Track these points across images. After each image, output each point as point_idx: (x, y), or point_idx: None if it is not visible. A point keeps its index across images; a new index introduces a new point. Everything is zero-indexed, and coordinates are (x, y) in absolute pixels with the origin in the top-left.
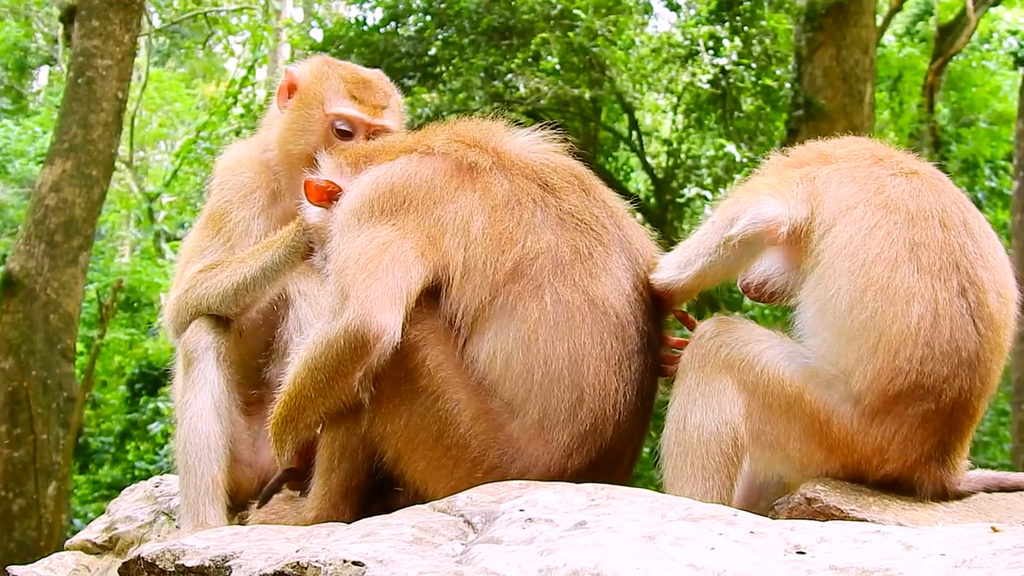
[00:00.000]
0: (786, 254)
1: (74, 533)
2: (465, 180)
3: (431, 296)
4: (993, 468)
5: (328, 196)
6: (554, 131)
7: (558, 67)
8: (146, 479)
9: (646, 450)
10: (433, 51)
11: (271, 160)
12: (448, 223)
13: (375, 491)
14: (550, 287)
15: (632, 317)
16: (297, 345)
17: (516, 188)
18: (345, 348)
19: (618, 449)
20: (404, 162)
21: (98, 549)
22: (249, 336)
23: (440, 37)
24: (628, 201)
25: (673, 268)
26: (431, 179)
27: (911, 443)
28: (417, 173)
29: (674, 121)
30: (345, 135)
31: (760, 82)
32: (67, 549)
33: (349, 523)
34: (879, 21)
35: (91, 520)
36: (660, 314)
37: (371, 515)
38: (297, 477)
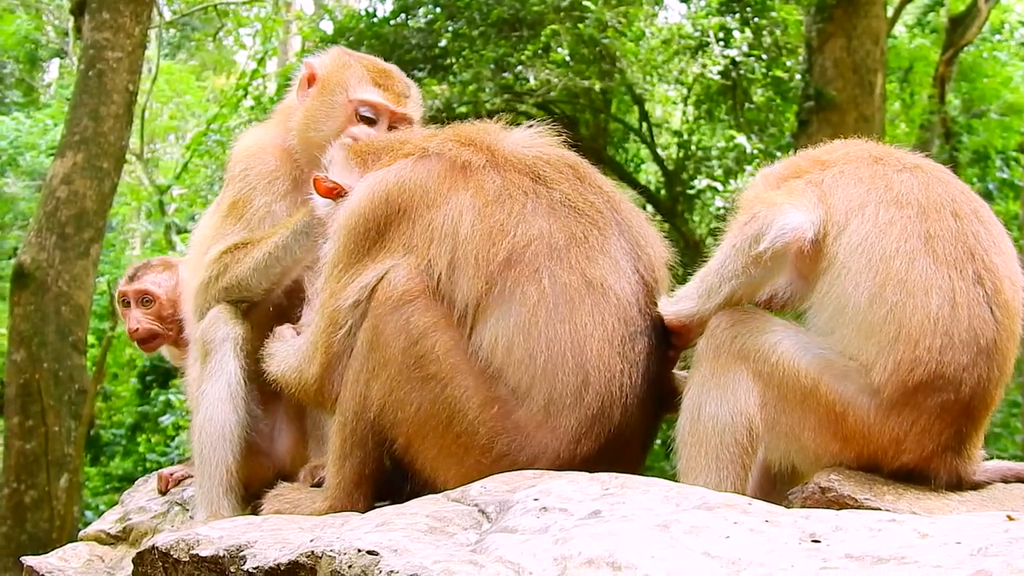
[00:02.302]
0: (793, 263)
1: (86, 525)
2: (458, 180)
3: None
4: (1005, 460)
5: (334, 195)
6: (552, 126)
7: (568, 59)
8: (157, 471)
9: (656, 441)
10: (443, 43)
11: (292, 147)
12: (437, 228)
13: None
14: (547, 270)
15: (634, 298)
16: (271, 354)
17: (507, 183)
18: (298, 396)
19: (627, 433)
20: (400, 168)
21: (112, 539)
22: (264, 326)
23: (450, 29)
24: (637, 192)
25: (695, 299)
26: (425, 183)
27: (928, 434)
28: (411, 178)
29: (684, 112)
30: (369, 122)
31: (770, 73)
32: (81, 540)
33: (363, 512)
34: (889, 12)
35: (103, 512)
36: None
37: (384, 505)
38: None
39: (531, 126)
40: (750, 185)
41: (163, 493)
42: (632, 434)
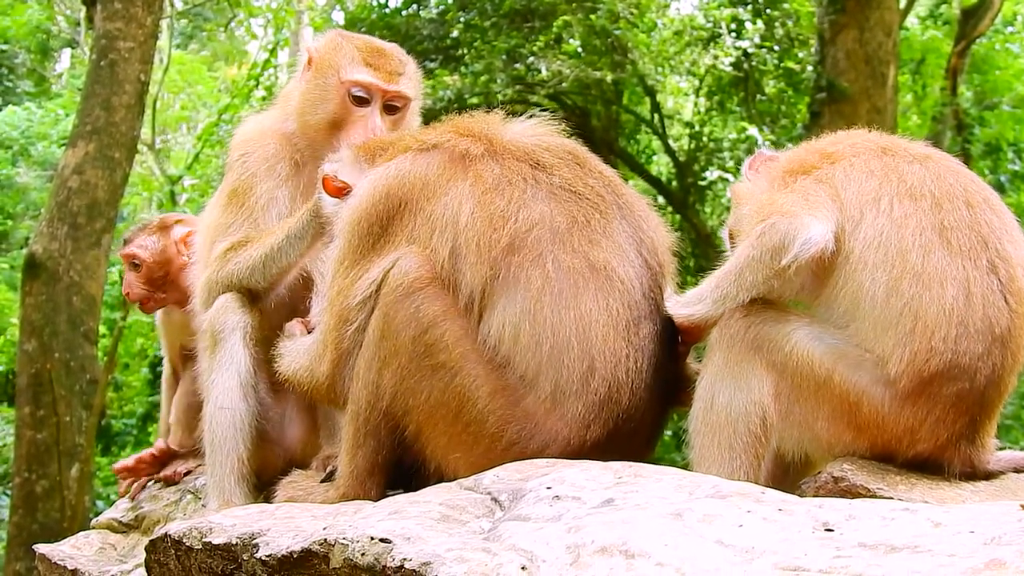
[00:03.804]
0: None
1: (96, 515)
2: (457, 170)
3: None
4: (1017, 450)
5: (343, 195)
6: (564, 117)
7: (580, 50)
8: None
9: (667, 433)
10: (455, 34)
11: (292, 131)
12: (438, 218)
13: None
14: (551, 255)
15: (638, 282)
16: (282, 353)
17: (507, 170)
18: (310, 394)
19: (636, 417)
20: (399, 162)
21: (124, 528)
22: (273, 314)
23: (462, 20)
24: (649, 183)
25: (709, 304)
26: (425, 174)
27: (943, 423)
28: (411, 171)
29: (696, 104)
30: (361, 102)
31: (782, 65)
32: (93, 528)
33: (376, 501)
34: (902, 3)
35: (113, 502)
36: (667, 281)
37: (397, 493)
38: None
39: (530, 116)
40: (748, 179)
41: (175, 483)
42: (641, 418)
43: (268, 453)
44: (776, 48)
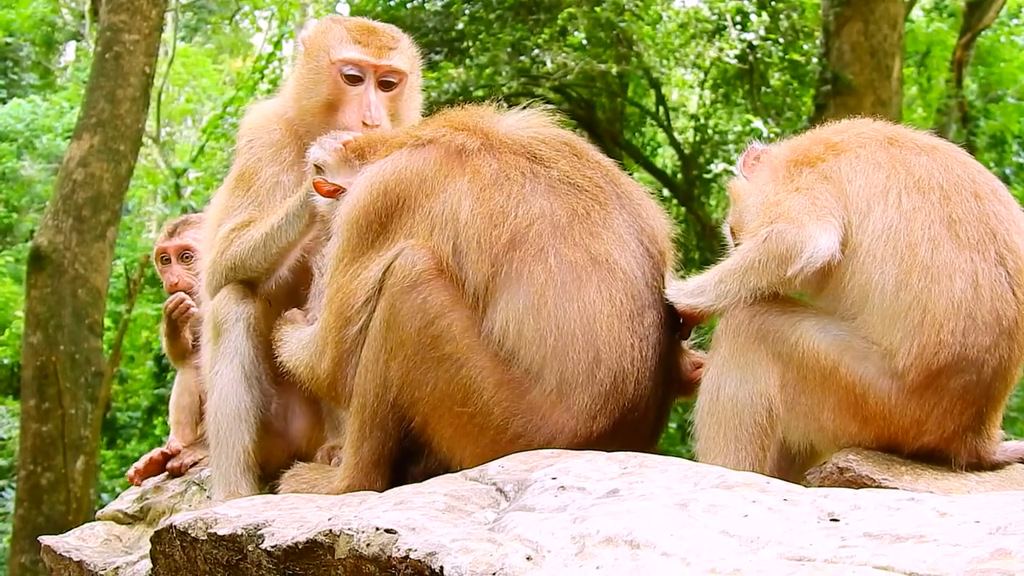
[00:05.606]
0: None
1: (102, 507)
2: (455, 165)
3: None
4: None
5: (337, 196)
6: (569, 109)
7: (585, 42)
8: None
9: (672, 425)
10: (460, 26)
11: (292, 118)
12: (437, 215)
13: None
14: (552, 249)
15: (640, 272)
16: (282, 339)
17: (504, 165)
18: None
19: (641, 406)
20: (396, 158)
21: (129, 519)
22: (277, 306)
23: (467, 12)
24: (654, 176)
25: (712, 296)
26: (422, 170)
27: (950, 415)
28: (408, 167)
29: (701, 96)
30: (355, 80)
31: (787, 57)
32: (98, 520)
33: (381, 492)
34: None
35: (119, 494)
36: (668, 268)
37: (403, 484)
38: None
39: (525, 107)
40: (743, 175)
41: (180, 474)
42: (646, 407)
43: (272, 444)
44: (781, 40)
